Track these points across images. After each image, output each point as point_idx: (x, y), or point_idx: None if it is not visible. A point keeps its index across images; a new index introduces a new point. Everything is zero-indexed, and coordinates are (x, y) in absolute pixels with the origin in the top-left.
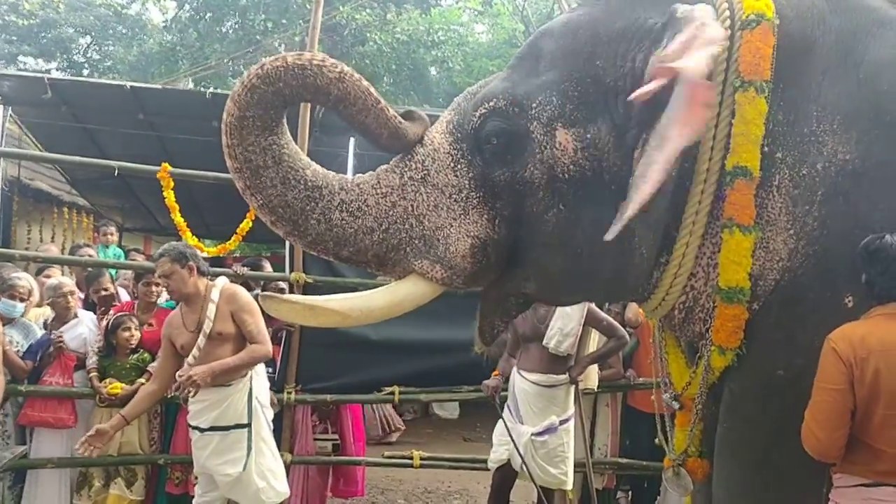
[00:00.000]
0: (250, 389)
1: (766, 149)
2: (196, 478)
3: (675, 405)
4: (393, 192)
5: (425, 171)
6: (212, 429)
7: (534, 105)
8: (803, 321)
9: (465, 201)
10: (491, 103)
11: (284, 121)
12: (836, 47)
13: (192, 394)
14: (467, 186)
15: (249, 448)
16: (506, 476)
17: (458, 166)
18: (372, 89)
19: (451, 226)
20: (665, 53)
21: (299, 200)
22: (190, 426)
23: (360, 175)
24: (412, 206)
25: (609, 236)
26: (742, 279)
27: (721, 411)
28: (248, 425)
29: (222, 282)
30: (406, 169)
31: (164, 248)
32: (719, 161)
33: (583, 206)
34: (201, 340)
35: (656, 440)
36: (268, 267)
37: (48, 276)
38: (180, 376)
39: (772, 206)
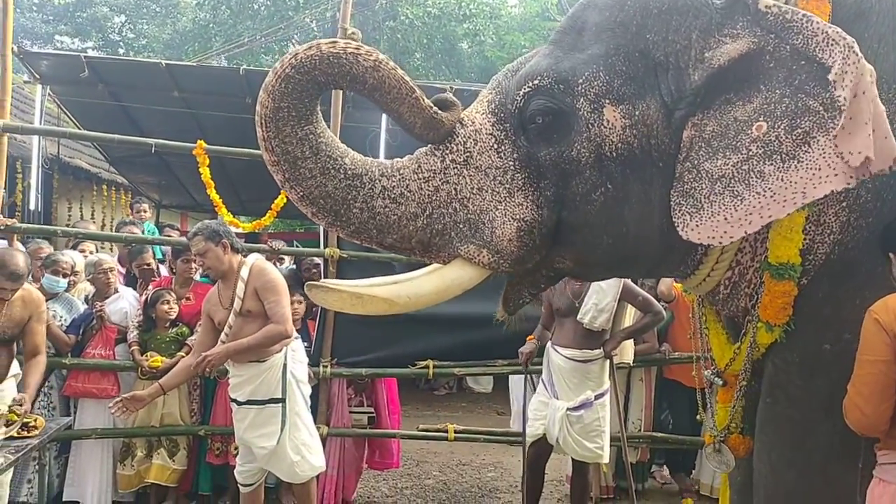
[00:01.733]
0: (284, 365)
1: None
2: (236, 448)
3: (719, 382)
4: (435, 175)
5: (468, 154)
6: (248, 402)
7: (580, 81)
8: (853, 295)
9: (509, 183)
10: (535, 81)
11: (319, 109)
12: (892, 14)
13: (210, 374)
14: (512, 168)
15: (283, 423)
16: (541, 451)
17: (502, 147)
18: (407, 78)
19: (497, 209)
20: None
21: (340, 190)
22: (231, 399)
23: (398, 160)
24: (455, 189)
25: (682, 232)
26: (793, 255)
27: (764, 386)
28: (283, 400)
29: (253, 259)
30: (448, 152)
31: (198, 226)
32: None
33: (630, 185)
34: (232, 318)
35: (698, 416)
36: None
37: (81, 251)
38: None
39: None
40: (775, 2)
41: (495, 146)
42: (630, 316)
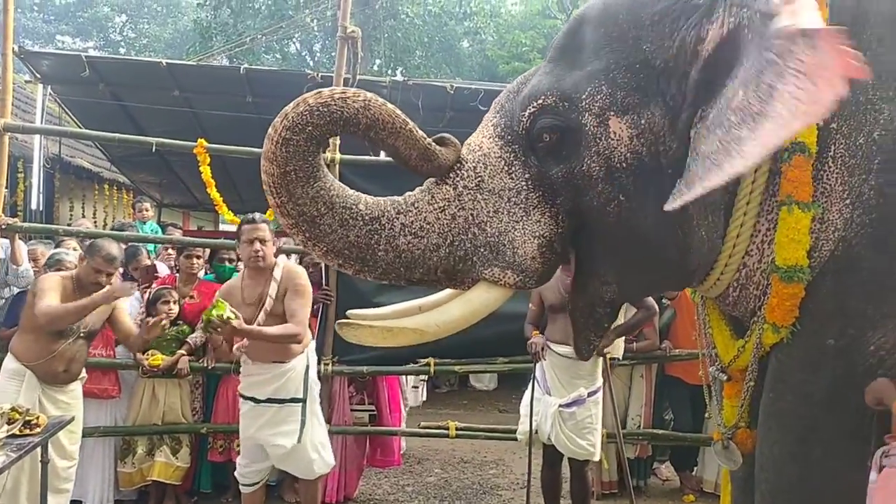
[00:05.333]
0: (307, 367)
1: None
2: (239, 446)
3: (723, 377)
4: (450, 204)
5: (479, 178)
6: (268, 400)
7: (583, 97)
8: (857, 291)
9: (524, 202)
10: (539, 101)
11: (323, 163)
12: (890, 13)
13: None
14: (525, 187)
15: (303, 422)
16: (552, 451)
17: (513, 168)
18: (399, 112)
19: (515, 229)
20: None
21: (362, 237)
22: (244, 397)
23: (409, 194)
24: (472, 214)
25: (668, 206)
26: (801, 257)
27: (767, 380)
28: (303, 400)
29: (283, 260)
30: (459, 178)
31: (259, 215)
32: None
33: (644, 194)
34: (262, 317)
35: (706, 415)
36: None
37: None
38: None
39: (827, 177)
40: None
41: (506, 168)
42: (624, 313)
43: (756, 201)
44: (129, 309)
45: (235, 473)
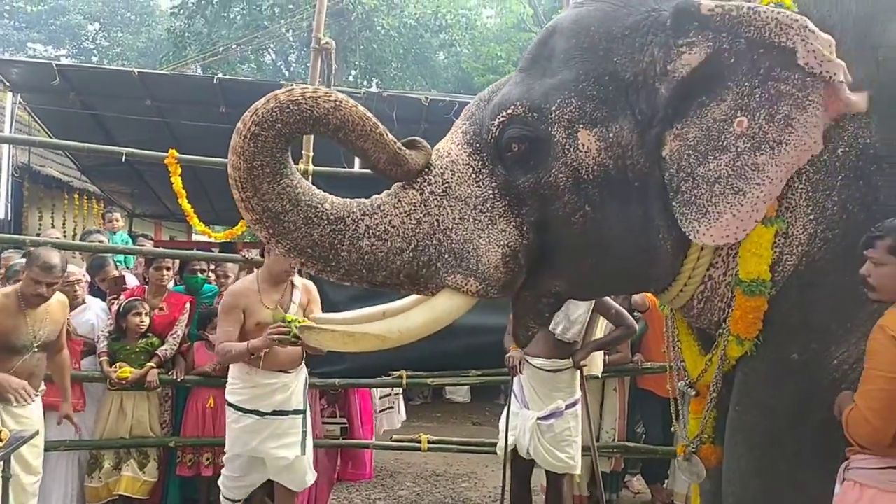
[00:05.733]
0: (306, 377)
1: None
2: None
3: (692, 393)
4: (416, 208)
5: (446, 185)
6: (274, 413)
7: (553, 108)
8: (821, 305)
9: (490, 211)
10: (509, 111)
11: (290, 160)
12: (853, 32)
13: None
14: (492, 196)
15: (304, 433)
16: (523, 463)
17: (480, 176)
18: (369, 114)
19: (480, 237)
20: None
21: (326, 236)
22: (244, 410)
23: (376, 197)
24: (437, 220)
25: (698, 238)
26: (763, 271)
27: (733, 395)
28: (304, 412)
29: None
30: (426, 184)
31: None
32: None
33: (609, 206)
34: None
35: (672, 428)
36: None
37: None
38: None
39: (792, 192)
40: (717, 2)
41: (473, 175)
42: (602, 328)
43: None
44: (96, 321)
45: (222, 489)
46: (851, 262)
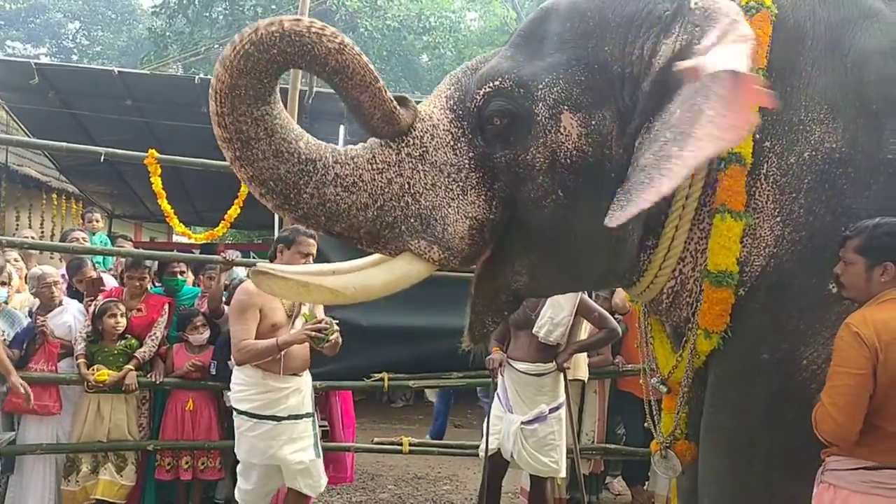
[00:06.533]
0: (311, 379)
1: (756, 136)
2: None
3: (663, 389)
4: (389, 168)
5: (424, 149)
6: (289, 417)
7: (540, 87)
8: (789, 306)
9: (463, 181)
10: (496, 82)
11: (277, 89)
12: (825, 38)
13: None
14: (467, 166)
15: (316, 436)
16: (497, 465)
17: (458, 144)
18: (372, 66)
19: (449, 206)
20: (700, 47)
21: (292, 174)
22: (261, 417)
23: (353, 147)
24: (409, 183)
25: (611, 223)
26: (731, 263)
27: (707, 396)
28: (312, 414)
29: None
30: (404, 145)
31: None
32: None
33: (582, 194)
34: (299, 324)
35: (645, 424)
36: None
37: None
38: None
39: (759, 193)
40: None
41: (451, 143)
42: (585, 331)
43: (691, 208)
44: (73, 323)
45: (240, 499)
46: (818, 264)
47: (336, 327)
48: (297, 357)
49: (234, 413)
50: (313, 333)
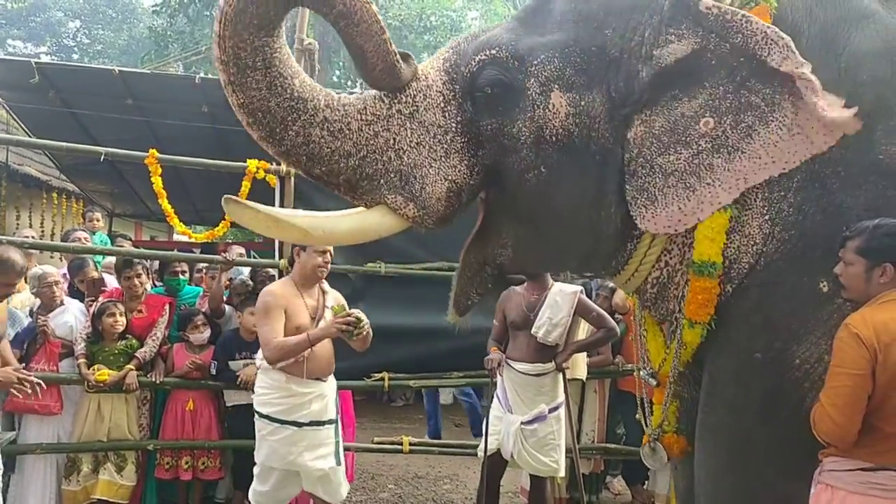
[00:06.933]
0: (335, 385)
1: None
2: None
3: (653, 382)
4: (378, 121)
5: (414, 107)
6: (311, 423)
7: (535, 62)
8: (781, 305)
9: (448, 144)
10: (492, 51)
11: (283, 24)
12: (820, 37)
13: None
14: (453, 129)
15: (338, 443)
16: (496, 465)
17: (448, 107)
18: (380, 18)
19: (431, 166)
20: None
21: (281, 109)
22: (282, 422)
23: (345, 94)
24: (395, 139)
25: (642, 224)
26: (715, 254)
27: (701, 395)
28: (336, 421)
29: None
30: (396, 101)
31: None
32: None
33: (564, 172)
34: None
35: (636, 416)
36: None
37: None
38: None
39: (748, 191)
40: (715, 2)
41: (442, 105)
42: (584, 331)
43: None
44: (74, 323)
45: (252, 501)
46: (809, 262)
47: (366, 320)
48: (321, 360)
49: (256, 416)
50: (343, 326)
